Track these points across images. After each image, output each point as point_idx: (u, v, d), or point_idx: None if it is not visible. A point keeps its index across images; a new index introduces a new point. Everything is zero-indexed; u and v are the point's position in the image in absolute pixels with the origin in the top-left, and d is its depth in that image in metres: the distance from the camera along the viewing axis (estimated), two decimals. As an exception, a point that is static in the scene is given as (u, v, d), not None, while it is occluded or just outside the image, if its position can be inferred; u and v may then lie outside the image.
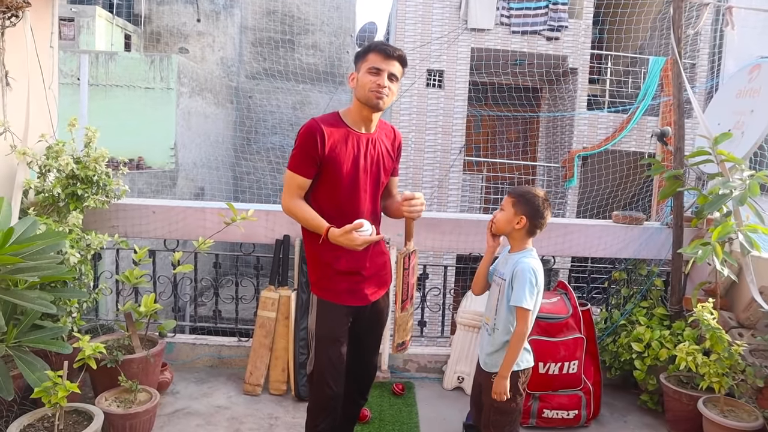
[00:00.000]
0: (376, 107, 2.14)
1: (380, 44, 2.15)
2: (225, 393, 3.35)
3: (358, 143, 2.20)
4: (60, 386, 2.31)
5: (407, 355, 3.69)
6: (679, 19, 3.20)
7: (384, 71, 2.11)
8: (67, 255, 2.89)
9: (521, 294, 2.19)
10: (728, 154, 3.05)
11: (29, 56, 3.12)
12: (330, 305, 2.23)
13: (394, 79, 2.15)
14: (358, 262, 2.22)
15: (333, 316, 2.23)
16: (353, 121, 2.22)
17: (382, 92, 2.11)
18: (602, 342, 3.59)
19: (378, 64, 2.11)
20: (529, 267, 2.22)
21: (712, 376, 2.72)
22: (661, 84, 10.03)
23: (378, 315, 2.40)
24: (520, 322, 2.20)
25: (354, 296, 2.25)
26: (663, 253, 3.68)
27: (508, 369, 2.22)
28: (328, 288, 2.23)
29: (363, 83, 2.13)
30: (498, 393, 2.22)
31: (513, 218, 2.28)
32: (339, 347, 2.23)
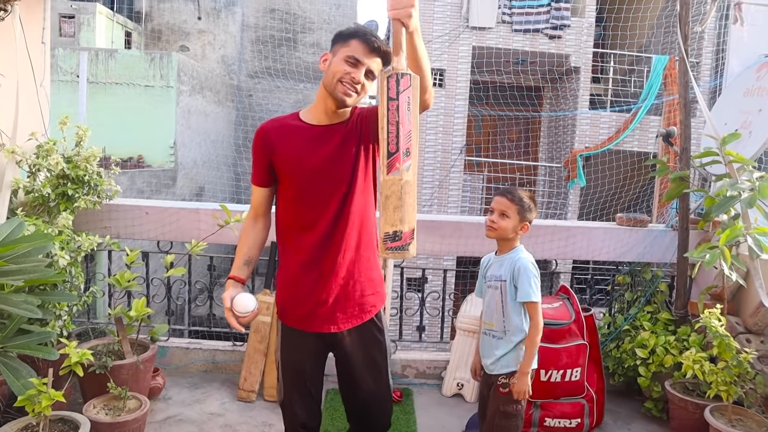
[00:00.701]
0: (342, 103, 1.82)
1: (367, 33, 1.82)
2: (219, 399, 3.27)
3: (313, 140, 1.87)
4: (44, 394, 2.23)
5: (406, 361, 3.61)
6: (686, 16, 3.11)
7: (363, 65, 1.80)
8: (57, 257, 2.81)
9: (527, 289, 2.21)
10: (737, 155, 2.96)
11: (19, 52, 3.04)
12: (292, 332, 1.94)
13: (370, 76, 1.84)
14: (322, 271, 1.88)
15: (297, 345, 1.94)
16: (314, 115, 1.91)
17: (354, 88, 1.80)
18: (605, 347, 3.50)
19: (359, 55, 1.79)
20: (527, 262, 2.26)
21: (719, 385, 2.64)
22: (664, 83, 9.94)
23: (367, 341, 1.97)
24: (534, 315, 2.22)
25: (321, 321, 1.90)
26: (668, 256, 3.59)
27: (529, 365, 2.21)
28: (287, 310, 1.94)
29: (335, 70, 1.80)
30: (520, 392, 2.20)
31: (517, 225, 2.29)
32: (305, 380, 1.96)
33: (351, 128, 1.90)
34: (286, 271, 1.94)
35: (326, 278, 1.88)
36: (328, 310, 1.89)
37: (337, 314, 1.90)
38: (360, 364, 1.97)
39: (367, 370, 1.98)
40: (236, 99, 16.92)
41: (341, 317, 1.91)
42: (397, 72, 1.60)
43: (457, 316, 3.60)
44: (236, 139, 16.33)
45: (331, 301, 1.89)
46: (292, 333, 1.95)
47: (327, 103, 1.86)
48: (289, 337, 1.96)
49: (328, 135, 1.88)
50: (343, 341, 1.95)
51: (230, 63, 17.55)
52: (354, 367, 1.97)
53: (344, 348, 1.96)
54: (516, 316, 2.26)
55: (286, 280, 1.94)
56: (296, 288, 1.91)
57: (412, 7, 1.58)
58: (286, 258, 1.95)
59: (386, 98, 1.59)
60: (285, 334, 1.97)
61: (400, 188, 1.60)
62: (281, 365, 1.99)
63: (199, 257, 3.35)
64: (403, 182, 1.60)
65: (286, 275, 1.94)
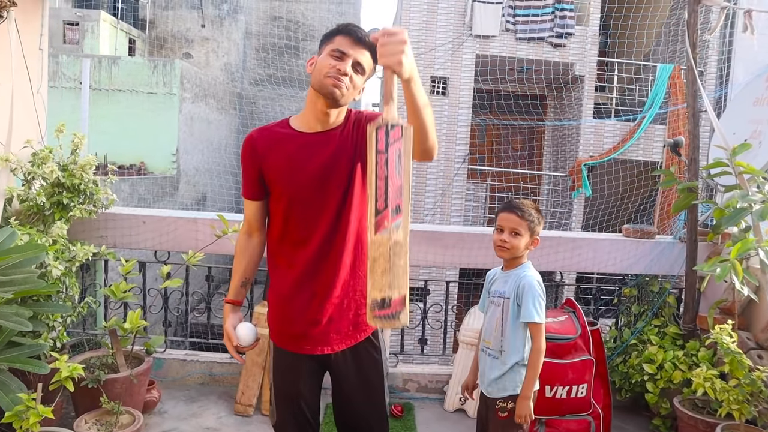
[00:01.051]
0: (331, 96, 1.67)
1: (350, 26, 1.72)
2: (215, 413, 3.19)
3: (304, 148, 1.74)
4: (32, 410, 2.16)
5: (407, 374, 3.53)
6: (695, 24, 3.05)
7: (349, 56, 1.67)
8: (50, 267, 2.75)
9: (531, 309, 2.12)
10: (747, 166, 2.89)
11: (14, 58, 2.99)
12: (283, 352, 1.83)
13: (359, 69, 1.70)
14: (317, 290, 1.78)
15: (290, 367, 1.84)
16: (304, 121, 1.78)
17: (341, 79, 1.66)
18: (612, 362, 3.42)
19: (344, 47, 1.68)
20: (533, 280, 2.17)
21: (731, 403, 2.54)
22: (669, 92, 9.88)
23: (362, 361, 1.86)
24: (536, 338, 2.13)
25: (315, 343, 1.79)
26: (676, 268, 3.51)
27: (530, 388, 2.11)
28: (281, 332, 1.83)
29: (320, 67, 1.69)
30: (522, 416, 2.10)
31: (529, 241, 2.22)
32: (300, 402, 1.85)
33: (347, 134, 1.76)
34: (277, 289, 1.83)
35: (320, 297, 1.77)
36: (321, 331, 1.78)
37: (330, 335, 1.79)
38: (354, 384, 1.86)
39: (361, 391, 1.87)
40: (239, 106, 16.91)
41: (335, 338, 1.80)
42: (387, 123, 1.46)
43: (459, 329, 3.52)
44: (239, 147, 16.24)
45: (325, 321, 1.77)
46: (285, 354, 1.84)
47: (317, 105, 1.72)
48: (281, 358, 1.85)
49: (321, 142, 1.74)
50: (337, 362, 1.84)
51: (233, 70, 17.56)
52: (347, 387, 1.87)
53: (338, 369, 1.85)
54: (515, 337, 2.16)
55: (277, 300, 1.83)
56: (288, 308, 1.80)
57: (403, 54, 1.43)
58: (278, 275, 1.83)
59: (375, 151, 1.46)
60: (277, 356, 1.86)
61: (389, 250, 1.45)
62: (274, 387, 1.89)
63: (196, 268, 3.28)
64: (392, 243, 1.45)
65: (278, 294, 1.83)
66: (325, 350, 1.80)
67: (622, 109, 11.09)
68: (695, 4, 3.16)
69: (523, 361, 2.16)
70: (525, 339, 2.17)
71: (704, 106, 3.36)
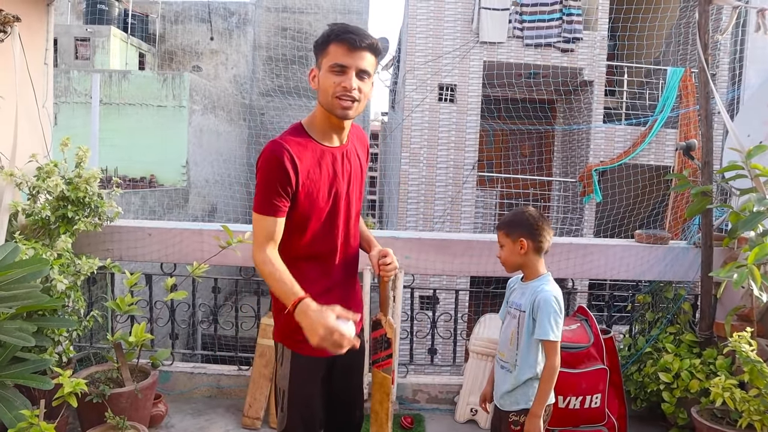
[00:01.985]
0: (344, 117, 1.70)
1: (342, 32, 1.66)
2: (223, 427, 3.14)
3: (333, 162, 1.78)
4: (35, 427, 2.13)
5: (417, 385, 3.46)
6: (706, 24, 2.99)
7: (350, 68, 1.65)
8: (54, 282, 2.73)
9: (546, 326, 2.03)
10: (764, 168, 2.81)
11: (19, 73, 2.99)
12: (306, 360, 1.83)
13: (365, 77, 1.69)
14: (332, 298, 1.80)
15: (309, 371, 1.86)
16: (321, 131, 1.78)
17: (350, 97, 1.66)
18: (626, 371, 3.33)
19: (342, 59, 1.65)
20: (551, 295, 2.06)
21: (752, 414, 2.46)
22: (679, 95, 9.78)
23: (356, 356, 1.97)
24: (551, 356, 2.04)
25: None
26: (691, 274, 3.42)
27: (541, 406, 2.04)
28: (303, 339, 1.71)
29: (325, 86, 1.68)
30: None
31: (514, 247, 2.13)
32: (313, 404, 1.90)
33: (366, 156, 1.94)
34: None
35: (336, 303, 1.74)
36: None
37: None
38: (347, 376, 1.98)
39: (351, 384, 2.01)
40: (248, 118, 16.99)
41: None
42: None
43: (470, 339, 3.46)
44: (249, 158, 16.37)
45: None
46: (303, 359, 1.83)
47: (332, 120, 1.74)
48: (299, 364, 1.84)
49: (344, 157, 1.82)
50: (337, 359, 1.83)
51: (242, 82, 17.67)
52: (343, 379, 1.97)
53: (336, 364, 1.92)
54: (529, 352, 2.09)
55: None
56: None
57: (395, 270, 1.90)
58: (302, 285, 1.75)
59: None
60: (295, 362, 1.84)
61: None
62: (288, 393, 1.85)
63: (202, 279, 3.26)
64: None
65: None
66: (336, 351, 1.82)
67: (632, 113, 10.99)
68: (706, 4, 3.10)
69: (537, 377, 2.09)
70: (539, 354, 2.10)
71: (717, 108, 3.29)
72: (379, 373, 2.05)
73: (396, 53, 14.01)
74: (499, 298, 2.46)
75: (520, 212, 2.18)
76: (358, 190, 1.88)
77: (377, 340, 2.06)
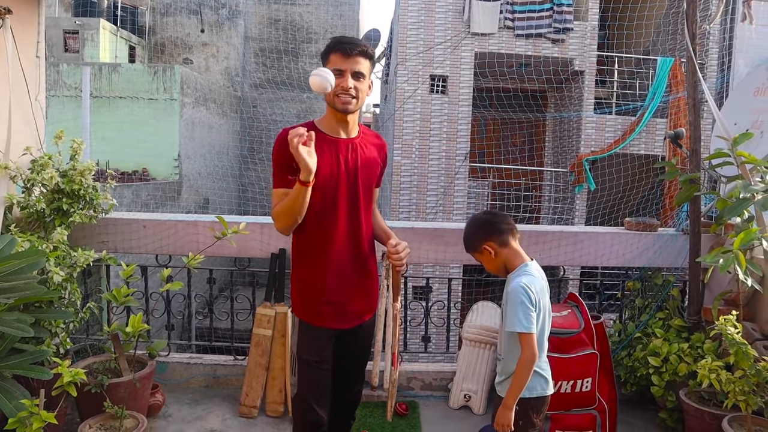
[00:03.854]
0: (344, 112, 2.03)
1: (338, 43, 2.02)
2: (220, 415, 3.18)
3: (337, 149, 2.07)
4: (35, 417, 2.16)
5: (411, 373, 3.52)
6: (693, 14, 3.03)
7: (346, 71, 1.99)
8: (51, 273, 2.75)
9: (513, 318, 2.01)
10: (749, 156, 2.87)
11: (11, 66, 3.00)
12: (312, 328, 2.11)
13: (360, 77, 2.02)
14: (344, 288, 2.11)
15: (315, 339, 2.11)
16: (329, 126, 2.10)
17: (348, 94, 2.00)
18: (617, 356, 3.40)
19: (339, 65, 1.99)
20: (518, 286, 2.03)
21: (737, 394, 2.52)
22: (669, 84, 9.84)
23: (362, 337, 2.26)
24: (523, 348, 2.00)
25: (338, 320, 2.12)
26: (679, 261, 3.49)
27: (513, 399, 2.01)
28: (311, 310, 2.12)
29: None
30: (500, 424, 2.03)
31: (486, 256, 2.16)
32: (322, 370, 2.13)
33: (381, 156, 2.21)
34: (308, 275, 2.10)
35: (347, 281, 2.10)
36: (345, 311, 2.12)
37: (355, 313, 2.16)
38: (354, 354, 2.25)
39: (356, 361, 2.29)
40: (240, 110, 16.93)
41: (352, 317, 2.16)
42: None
43: (463, 326, 3.51)
44: (241, 150, 16.33)
45: (352, 302, 2.14)
46: (312, 328, 2.10)
47: (338, 116, 2.07)
48: (309, 332, 2.11)
49: (353, 147, 2.10)
50: (348, 335, 2.17)
51: (234, 74, 17.58)
52: (350, 356, 2.23)
53: (347, 340, 2.17)
54: (507, 345, 2.10)
55: (309, 283, 2.10)
56: (320, 290, 2.08)
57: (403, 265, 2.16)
58: (311, 263, 2.09)
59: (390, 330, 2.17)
60: (304, 330, 2.11)
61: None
62: (299, 359, 2.12)
63: (197, 270, 3.28)
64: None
65: (310, 278, 2.10)
66: (346, 326, 2.14)
67: (622, 103, 11.05)
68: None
69: None
70: (519, 347, 2.05)
71: (705, 96, 3.34)
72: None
73: (387, 45, 13.99)
74: (492, 286, 2.51)
75: (468, 225, 2.25)
76: (366, 179, 2.11)
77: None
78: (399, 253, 2.08)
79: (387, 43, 14.09)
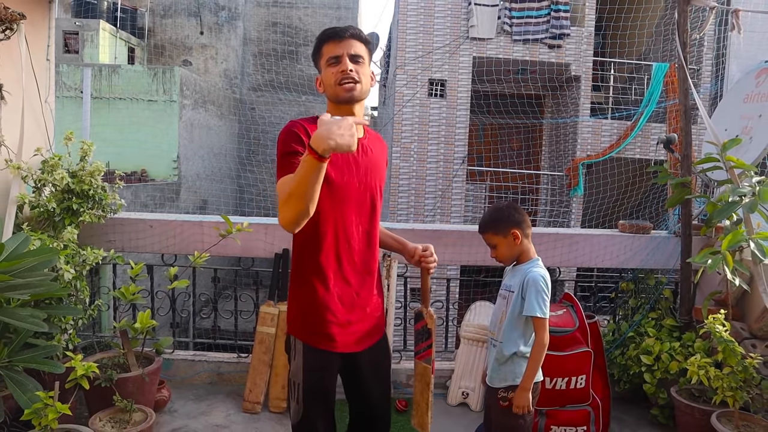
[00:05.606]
0: (350, 99, 1.79)
1: (326, 31, 1.84)
2: (224, 411, 3.27)
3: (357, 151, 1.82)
4: (50, 408, 2.24)
5: (410, 370, 3.60)
6: (685, 23, 3.13)
7: (342, 56, 1.79)
8: (62, 271, 2.83)
9: (534, 303, 2.18)
10: (737, 161, 2.97)
11: (24, 69, 3.08)
12: (319, 353, 1.84)
13: (359, 60, 1.81)
14: (353, 305, 1.87)
15: (323, 366, 1.85)
16: None
17: (349, 77, 1.77)
18: (610, 355, 3.49)
19: (333, 52, 1.80)
20: (539, 275, 2.22)
21: (725, 390, 2.63)
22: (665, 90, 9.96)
23: (379, 358, 2.00)
24: (539, 332, 2.19)
25: (346, 341, 1.86)
26: (671, 262, 3.59)
27: (530, 380, 2.18)
28: (315, 331, 1.83)
29: (327, 80, 1.81)
30: (520, 406, 2.17)
31: (508, 240, 2.28)
32: (330, 400, 1.91)
33: (385, 158, 1.99)
34: (311, 293, 1.83)
35: (354, 301, 1.87)
36: (352, 331, 1.87)
37: (359, 335, 1.89)
38: (372, 378, 1.97)
39: (378, 384, 1.99)
40: (239, 112, 17.00)
41: (363, 338, 1.90)
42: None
43: (461, 325, 3.60)
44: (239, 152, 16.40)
45: (356, 322, 1.88)
46: (317, 353, 1.84)
47: (343, 110, 1.81)
48: (313, 357, 1.84)
49: (369, 150, 1.89)
50: (360, 359, 1.92)
51: (232, 77, 17.65)
52: (367, 381, 1.96)
53: (360, 365, 1.93)
54: (513, 329, 2.24)
55: (312, 303, 1.83)
56: (324, 310, 1.82)
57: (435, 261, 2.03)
58: (313, 280, 1.83)
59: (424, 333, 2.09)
60: (308, 355, 1.84)
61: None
62: (303, 385, 1.85)
63: (203, 269, 3.37)
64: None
65: (313, 297, 1.83)
66: (356, 349, 1.89)
67: (618, 107, 11.18)
68: (685, 4, 3.25)
69: (522, 354, 2.24)
70: (523, 332, 2.24)
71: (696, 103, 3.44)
72: (420, 364, 2.08)
73: (386, 49, 14.10)
74: (489, 286, 2.61)
75: (500, 209, 2.33)
76: (377, 183, 1.90)
77: (418, 331, 2.11)
78: (433, 254, 2.00)
79: (386, 47, 14.19)
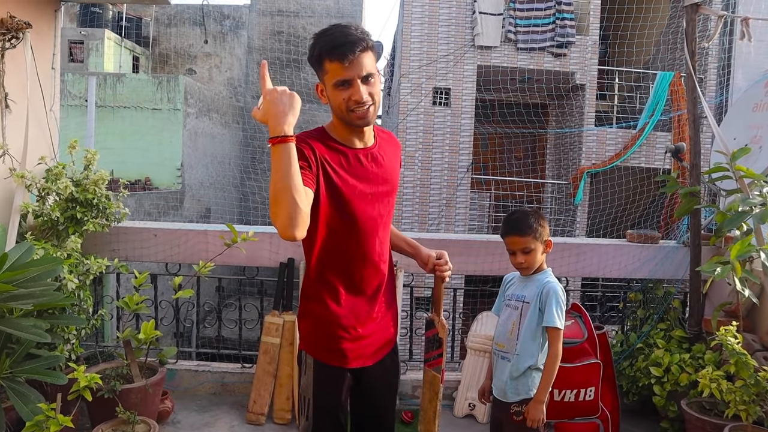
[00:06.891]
0: (364, 125, 1.70)
1: (331, 46, 1.61)
2: (227, 422, 3.23)
3: (358, 161, 1.73)
4: (52, 420, 2.21)
5: (416, 381, 3.56)
6: (693, 32, 3.11)
7: (354, 79, 1.60)
8: (65, 281, 2.81)
9: (554, 314, 2.16)
10: (747, 170, 2.94)
11: (29, 78, 3.07)
12: (330, 369, 1.80)
13: (370, 78, 1.63)
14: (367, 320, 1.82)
15: (334, 381, 1.81)
16: (342, 135, 1.73)
17: (363, 107, 1.63)
18: (619, 366, 3.45)
19: (343, 75, 1.60)
20: (557, 287, 2.22)
21: (738, 404, 2.57)
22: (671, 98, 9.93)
23: (388, 372, 1.95)
24: (554, 343, 2.17)
25: (357, 355, 1.81)
26: (680, 272, 3.55)
27: (545, 393, 2.16)
28: (327, 347, 1.79)
29: (336, 103, 1.66)
30: (535, 420, 2.14)
31: (541, 248, 2.26)
32: (342, 415, 1.86)
33: (398, 159, 1.93)
34: (323, 308, 1.78)
35: (366, 315, 1.82)
36: (363, 345, 1.82)
37: (370, 349, 1.85)
38: (380, 392, 1.94)
39: (386, 397, 1.96)
40: (243, 120, 17.04)
41: (374, 352, 1.86)
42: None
43: (467, 336, 3.56)
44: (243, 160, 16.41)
45: (368, 336, 1.83)
46: (328, 369, 1.80)
47: (352, 128, 1.72)
48: (324, 373, 1.81)
49: (373, 158, 1.78)
50: (370, 373, 1.87)
51: (236, 85, 17.72)
52: (375, 395, 1.93)
53: (370, 379, 1.88)
54: (531, 341, 2.21)
55: (324, 318, 1.78)
56: (335, 326, 1.78)
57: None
58: (325, 295, 1.78)
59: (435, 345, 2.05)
60: (319, 371, 1.81)
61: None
62: (314, 402, 1.82)
63: (207, 279, 3.34)
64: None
65: (325, 313, 1.78)
66: (367, 363, 1.84)
67: (623, 116, 11.16)
68: (693, 13, 3.23)
69: (536, 365, 2.20)
70: (540, 344, 2.21)
71: (704, 112, 3.42)
72: (430, 372, 2.05)
73: (390, 58, 14.12)
74: (494, 297, 2.56)
75: (537, 214, 2.29)
76: (388, 195, 1.82)
77: (429, 339, 2.07)
78: (448, 262, 1.96)
79: (390, 56, 14.22)
